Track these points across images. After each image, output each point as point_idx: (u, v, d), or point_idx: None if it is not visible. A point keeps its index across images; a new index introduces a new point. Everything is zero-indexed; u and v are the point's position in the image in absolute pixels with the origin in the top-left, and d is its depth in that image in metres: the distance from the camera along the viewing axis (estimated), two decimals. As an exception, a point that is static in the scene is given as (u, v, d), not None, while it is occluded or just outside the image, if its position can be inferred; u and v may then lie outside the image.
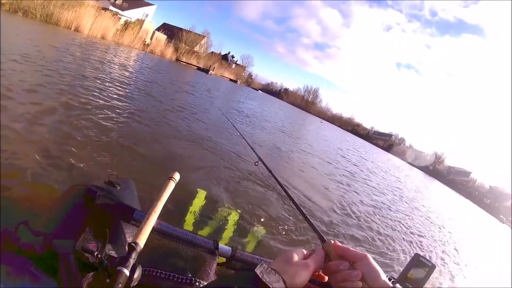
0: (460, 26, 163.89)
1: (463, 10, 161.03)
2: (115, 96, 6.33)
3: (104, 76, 8.05)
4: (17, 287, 0.45)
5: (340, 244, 0.48)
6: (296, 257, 0.45)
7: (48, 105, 4.10)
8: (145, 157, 3.66)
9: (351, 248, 0.47)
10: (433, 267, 0.78)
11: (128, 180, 1.11)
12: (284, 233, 3.06)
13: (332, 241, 0.49)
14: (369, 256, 0.45)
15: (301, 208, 0.70)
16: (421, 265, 0.78)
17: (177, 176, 0.86)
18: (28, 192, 1.93)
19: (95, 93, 5.77)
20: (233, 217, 2.85)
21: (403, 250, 4.50)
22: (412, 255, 0.83)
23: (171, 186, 0.81)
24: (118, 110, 5.29)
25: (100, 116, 4.56)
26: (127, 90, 7.55)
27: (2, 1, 17.24)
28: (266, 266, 0.42)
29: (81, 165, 2.81)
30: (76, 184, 0.85)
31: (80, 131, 3.63)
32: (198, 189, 2.98)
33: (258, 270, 0.41)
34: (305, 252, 0.48)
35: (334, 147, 17.50)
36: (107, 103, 5.50)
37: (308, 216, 0.64)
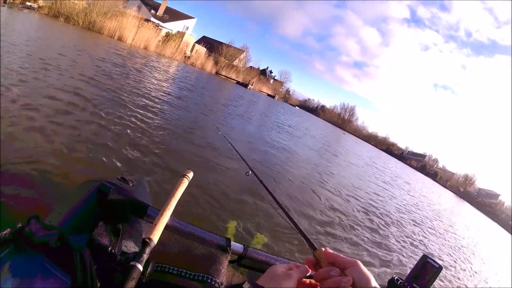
0: (493, 47, 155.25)
1: (496, 31, 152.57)
2: (153, 98, 6.71)
3: (152, 80, 8.98)
4: (29, 282, 0.45)
5: (331, 251, 0.48)
6: (279, 270, 0.46)
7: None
8: (165, 156, 3.74)
9: (342, 255, 0.47)
10: (440, 268, 0.78)
11: (141, 177, 1.14)
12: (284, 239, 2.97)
13: (323, 249, 0.49)
14: (359, 263, 0.45)
15: (292, 218, 0.66)
16: (428, 266, 0.79)
17: (190, 174, 0.84)
18: (41, 186, 2.08)
19: (138, 95, 6.33)
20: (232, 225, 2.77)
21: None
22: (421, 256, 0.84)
23: (184, 183, 0.79)
24: (149, 112, 5.44)
25: (131, 115, 4.77)
26: (166, 95, 7.87)
27: (40, 4, 16.14)
28: (255, 283, 0.45)
29: (98, 160, 2.85)
30: (90, 179, 0.87)
31: (104, 128, 3.75)
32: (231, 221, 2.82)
33: (246, 286, 0.45)
34: (290, 264, 0.49)
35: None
36: (145, 104, 5.80)
37: (299, 225, 0.61)
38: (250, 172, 1.12)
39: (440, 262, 0.88)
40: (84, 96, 4.66)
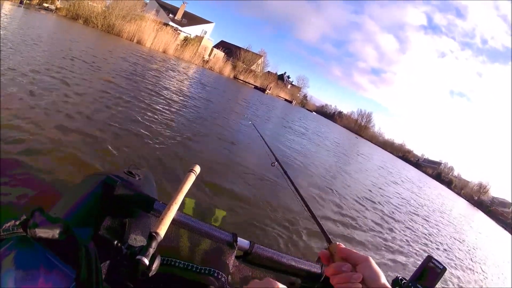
0: (508, 54, 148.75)
1: (510, 38, 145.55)
2: (172, 97, 6.58)
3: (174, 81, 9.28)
4: (32, 274, 0.44)
5: (344, 247, 0.49)
6: None
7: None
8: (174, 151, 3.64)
9: (354, 251, 0.47)
10: (444, 269, 0.77)
11: (148, 171, 1.10)
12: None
13: (337, 243, 0.49)
14: (371, 259, 0.46)
15: (312, 211, 0.64)
16: (432, 267, 0.78)
17: (197, 168, 0.82)
18: (46, 178, 1.99)
19: (157, 93, 6.24)
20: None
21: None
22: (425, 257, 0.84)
23: (191, 178, 0.78)
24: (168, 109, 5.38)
25: (146, 111, 4.66)
26: (186, 95, 7.79)
27: (58, 6, 15.69)
28: None
29: (105, 153, 2.76)
30: (96, 172, 0.85)
31: (116, 123, 3.62)
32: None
33: None
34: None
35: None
36: (163, 102, 5.73)
37: (318, 219, 0.60)
38: (275, 163, 1.08)
39: (444, 263, 0.83)
40: (105, 91, 4.68)
